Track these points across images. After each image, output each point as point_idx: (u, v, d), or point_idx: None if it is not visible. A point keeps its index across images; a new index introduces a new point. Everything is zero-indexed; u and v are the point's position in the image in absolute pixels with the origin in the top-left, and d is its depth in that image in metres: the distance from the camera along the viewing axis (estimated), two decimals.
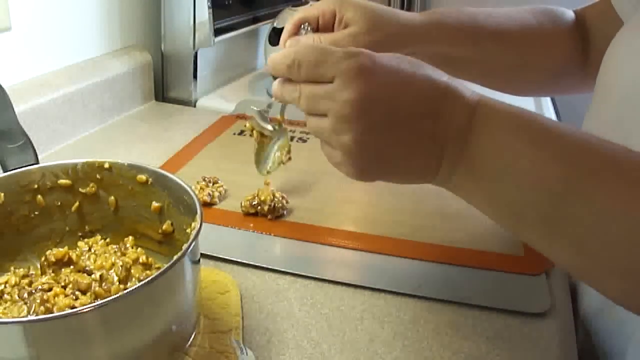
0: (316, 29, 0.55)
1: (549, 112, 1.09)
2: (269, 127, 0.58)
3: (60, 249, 0.45)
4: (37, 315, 0.39)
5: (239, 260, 0.56)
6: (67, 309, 0.39)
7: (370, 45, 0.47)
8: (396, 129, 0.40)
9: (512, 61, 0.63)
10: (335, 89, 0.40)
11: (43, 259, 0.45)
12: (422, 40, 0.57)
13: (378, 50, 0.42)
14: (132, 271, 0.44)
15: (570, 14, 0.65)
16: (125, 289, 0.42)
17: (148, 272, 0.45)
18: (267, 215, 0.62)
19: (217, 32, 0.98)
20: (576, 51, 0.64)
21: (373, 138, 0.40)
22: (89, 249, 0.48)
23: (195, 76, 1.01)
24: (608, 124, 0.53)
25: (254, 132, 0.60)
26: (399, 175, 0.43)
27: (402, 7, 1.80)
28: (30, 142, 0.49)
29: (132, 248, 0.48)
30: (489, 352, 0.47)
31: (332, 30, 0.55)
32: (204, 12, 0.94)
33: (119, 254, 0.46)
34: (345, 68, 0.39)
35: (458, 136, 0.40)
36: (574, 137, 0.39)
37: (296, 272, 0.55)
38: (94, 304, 0.33)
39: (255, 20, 1.16)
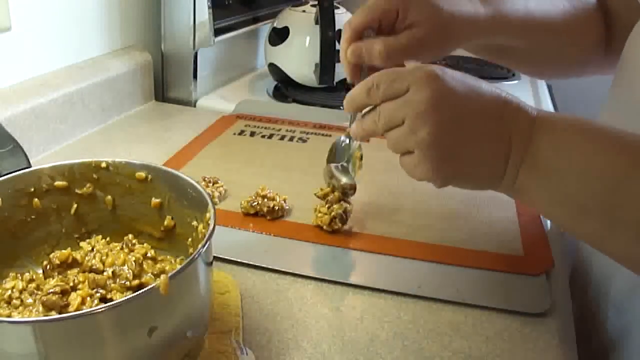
0: (377, 31, 0.53)
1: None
2: (347, 180, 0.59)
3: (64, 251, 0.45)
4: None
5: (239, 260, 0.56)
6: (83, 308, 0.39)
7: (440, 43, 0.53)
8: (466, 127, 0.43)
9: (554, 49, 0.64)
10: (410, 94, 0.43)
11: (46, 262, 0.45)
12: (484, 34, 0.57)
13: (447, 45, 0.51)
14: (144, 266, 0.44)
15: None
16: (140, 283, 0.42)
17: (159, 266, 0.45)
18: (266, 215, 0.62)
19: (217, 32, 0.98)
20: (602, 37, 0.64)
21: (446, 132, 0.42)
22: (92, 249, 0.48)
23: (195, 76, 1.01)
24: (630, 112, 0.54)
25: (335, 194, 0.61)
26: (469, 176, 0.45)
27: None
28: (20, 145, 0.49)
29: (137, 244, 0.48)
30: (489, 352, 0.47)
31: (393, 28, 0.53)
32: (204, 12, 0.94)
33: (126, 250, 0.46)
34: (419, 75, 0.43)
35: (521, 138, 0.43)
36: (629, 133, 0.42)
37: (296, 272, 0.55)
38: (106, 305, 0.33)
39: (255, 20, 1.16)
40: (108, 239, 0.50)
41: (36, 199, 0.48)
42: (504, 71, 1.27)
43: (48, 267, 0.44)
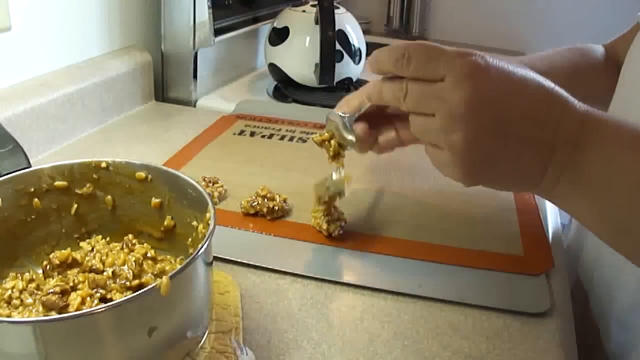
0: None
1: None
2: (351, 138, 0.54)
3: (63, 251, 0.45)
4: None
5: (239, 260, 0.56)
6: (83, 308, 0.39)
7: None
8: (506, 131, 0.39)
9: None
10: (447, 87, 0.39)
11: (46, 262, 0.45)
12: None
13: None
14: (144, 266, 0.44)
15: (600, 50, 0.65)
16: (140, 283, 0.42)
17: (159, 266, 0.45)
18: (266, 215, 0.62)
19: (217, 32, 0.98)
20: (610, 84, 0.62)
21: (484, 139, 0.39)
22: (92, 249, 0.48)
23: (195, 76, 1.01)
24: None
25: (332, 142, 0.56)
26: (502, 180, 0.42)
27: (401, 10, 1.80)
28: (20, 145, 0.49)
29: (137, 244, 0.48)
30: (489, 352, 0.47)
31: None
32: (204, 12, 0.94)
33: (126, 250, 0.46)
34: (459, 66, 0.39)
35: (566, 145, 0.39)
36: None
37: (296, 272, 0.55)
38: (106, 305, 0.33)
39: (255, 20, 1.16)
40: (108, 239, 0.50)
41: (36, 199, 0.48)
42: None
43: (48, 267, 0.44)
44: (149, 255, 0.46)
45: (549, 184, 0.41)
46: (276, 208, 0.62)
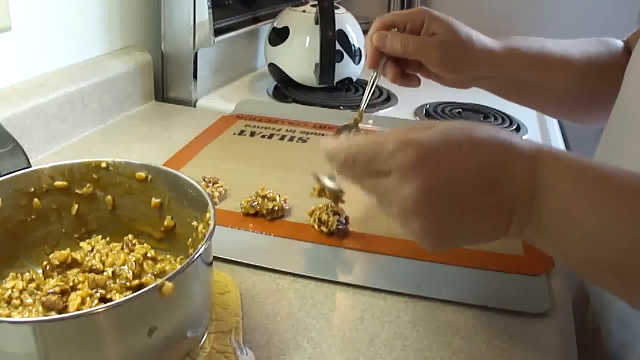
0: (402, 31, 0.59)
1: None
2: (337, 187, 0.57)
3: (63, 252, 0.45)
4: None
5: (238, 260, 0.56)
6: (83, 308, 0.39)
7: (454, 58, 0.58)
8: (462, 207, 0.39)
9: (576, 87, 0.64)
10: (394, 184, 0.39)
11: (46, 262, 0.45)
12: (499, 65, 0.60)
13: (461, 65, 0.41)
14: (144, 266, 0.44)
15: (620, 44, 0.66)
16: (140, 283, 0.42)
17: (159, 266, 0.45)
18: (266, 216, 0.62)
19: (217, 32, 0.98)
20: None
21: (441, 222, 0.40)
22: (92, 249, 0.48)
23: (195, 76, 1.01)
24: (626, 137, 0.54)
25: (326, 191, 0.60)
26: (470, 242, 0.44)
27: (402, 6, 1.80)
28: (20, 145, 0.49)
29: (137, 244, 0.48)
30: (489, 352, 0.47)
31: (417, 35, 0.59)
32: (204, 12, 0.94)
33: (126, 250, 0.46)
34: (399, 163, 0.39)
35: (523, 195, 0.39)
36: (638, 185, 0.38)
37: (296, 272, 0.55)
38: (106, 305, 0.33)
39: (255, 20, 1.16)
40: (108, 239, 0.50)
41: (36, 199, 0.48)
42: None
43: (48, 267, 0.44)
44: (149, 255, 0.46)
45: (515, 234, 0.41)
46: (276, 208, 0.62)
